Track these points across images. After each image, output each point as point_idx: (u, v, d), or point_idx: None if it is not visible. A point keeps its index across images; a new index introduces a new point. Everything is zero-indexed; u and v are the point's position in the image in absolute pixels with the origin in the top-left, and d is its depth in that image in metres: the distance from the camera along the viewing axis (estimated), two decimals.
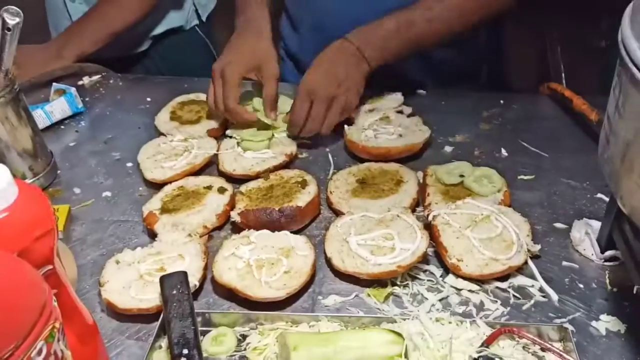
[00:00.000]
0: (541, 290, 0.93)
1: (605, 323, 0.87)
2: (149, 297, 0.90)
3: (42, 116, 1.36)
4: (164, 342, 0.84)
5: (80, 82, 1.56)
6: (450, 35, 1.28)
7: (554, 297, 0.91)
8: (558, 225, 1.05)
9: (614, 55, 1.81)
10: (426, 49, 1.30)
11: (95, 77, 1.59)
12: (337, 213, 1.08)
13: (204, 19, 1.84)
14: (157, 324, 0.86)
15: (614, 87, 0.69)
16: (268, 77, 1.27)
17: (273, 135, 1.26)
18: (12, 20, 1.06)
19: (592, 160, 1.18)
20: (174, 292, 0.86)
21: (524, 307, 0.90)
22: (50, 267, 0.69)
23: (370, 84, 1.35)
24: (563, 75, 1.53)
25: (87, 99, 1.50)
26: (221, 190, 1.11)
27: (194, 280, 0.92)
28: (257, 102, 1.33)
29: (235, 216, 1.05)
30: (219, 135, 1.31)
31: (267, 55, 1.29)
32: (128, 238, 1.07)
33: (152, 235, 1.05)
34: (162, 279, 0.88)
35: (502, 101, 1.40)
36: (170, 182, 1.16)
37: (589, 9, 2.50)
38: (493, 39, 1.52)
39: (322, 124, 1.22)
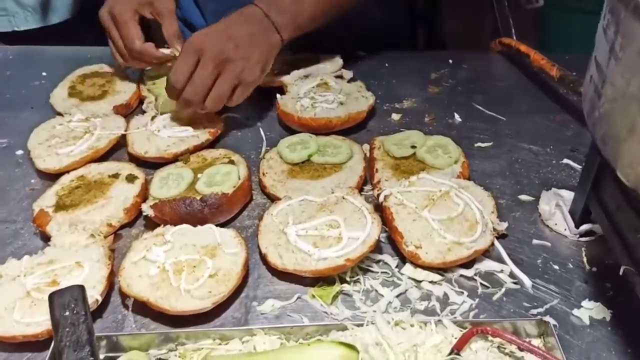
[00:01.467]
0: (512, 275, 0.80)
1: (588, 310, 0.75)
2: (38, 320, 0.72)
3: None
4: None
5: None
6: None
7: (527, 282, 0.79)
8: (523, 197, 0.92)
9: (550, 14, 1.67)
10: (347, 9, 1.11)
11: None
12: (272, 198, 0.92)
13: None
14: (47, 353, 0.67)
15: (605, 28, 0.55)
16: (164, 12, 1.08)
17: None
18: None
19: (553, 122, 1.08)
20: (67, 313, 0.67)
21: (495, 298, 0.77)
22: None
23: (302, 46, 1.18)
24: (513, 31, 1.42)
25: None
26: (130, 179, 0.92)
27: (95, 294, 0.74)
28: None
29: (147, 209, 0.87)
30: (127, 112, 1.11)
31: None
32: (14, 244, 0.87)
33: (46, 239, 0.85)
34: (51, 298, 0.70)
35: (450, 61, 1.27)
36: (68, 172, 0.96)
37: None
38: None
39: (207, 91, 0.97)
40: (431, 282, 0.79)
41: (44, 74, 1.26)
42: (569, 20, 2.31)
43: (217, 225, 0.84)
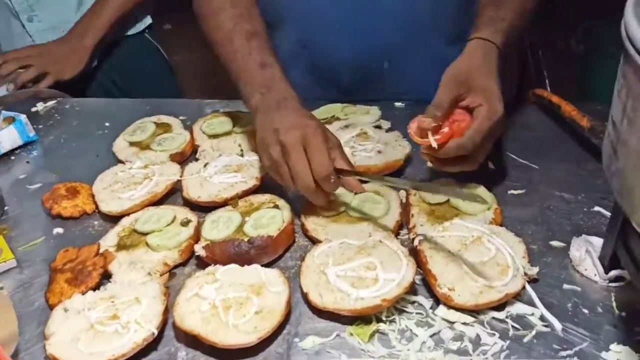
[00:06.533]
0: (542, 318, 0.83)
1: (617, 354, 0.77)
2: (99, 350, 0.79)
3: None
4: None
5: (33, 109, 1.45)
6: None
7: (557, 326, 0.82)
8: (555, 243, 0.96)
9: (591, 60, 1.72)
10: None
11: (51, 103, 1.48)
12: (314, 241, 0.98)
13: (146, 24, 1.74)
14: None
15: (619, 91, 0.61)
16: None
17: None
18: None
19: (585, 171, 1.11)
20: None
21: (525, 340, 0.80)
22: None
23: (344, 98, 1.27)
24: (547, 81, 1.46)
25: (40, 126, 1.39)
26: (184, 223, 1.00)
27: (151, 328, 0.81)
28: None
29: (199, 250, 0.94)
30: (182, 160, 1.20)
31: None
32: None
33: (108, 276, 0.93)
34: None
35: None
36: (129, 214, 1.05)
37: (564, 15, 2.45)
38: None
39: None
40: (464, 323, 0.83)
41: (107, 124, 1.37)
42: (609, 67, 2.34)
43: (262, 266, 0.91)
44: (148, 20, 1.74)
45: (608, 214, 0.98)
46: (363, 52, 1.28)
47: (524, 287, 0.86)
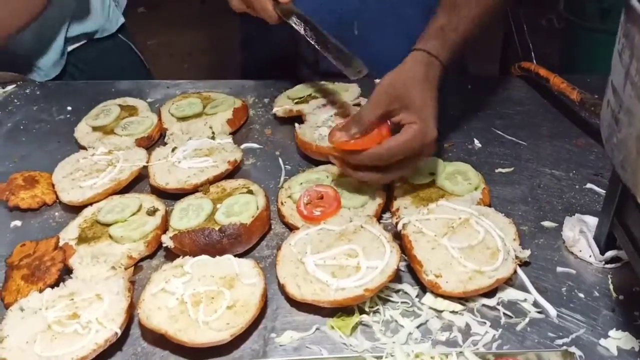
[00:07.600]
0: (536, 304, 0.78)
1: (616, 340, 0.73)
2: (57, 354, 0.72)
3: None
4: None
5: None
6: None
7: (552, 312, 0.77)
8: (546, 223, 0.91)
9: (572, 35, 1.63)
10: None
11: (10, 87, 1.39)
12: (291, 228, 0.92)
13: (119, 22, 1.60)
14: None
15: (621, 53, 0.54)
16: None
17: None
18: None
19: (575, 146, 1.06)
20: None
21: (518, 328, 0.75)
22: None
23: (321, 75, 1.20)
24: (533, 54, 1.40)
25: None
26: (151, 212, 0.93)
27: (114, 327, 0.74)
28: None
29: (167, 241, 0.87)
30: (149, 144, 1.13)
31: None
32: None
33: (68, 272, 0.86)
34: None
35: (469, 86, 1.25)
36: (91, 204, 0.97)
37: None
38: None
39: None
40: (452, 312, 0.78)
41: (69, 108, 1.29)
42: (592, 41, 2.29)
43: (236, 256, 0.84)
44: (120, 19, 1.59)
45: (602, 191, 0.94)
46: (332, 13, 1.20)
47: (515, 272, 0.81)
